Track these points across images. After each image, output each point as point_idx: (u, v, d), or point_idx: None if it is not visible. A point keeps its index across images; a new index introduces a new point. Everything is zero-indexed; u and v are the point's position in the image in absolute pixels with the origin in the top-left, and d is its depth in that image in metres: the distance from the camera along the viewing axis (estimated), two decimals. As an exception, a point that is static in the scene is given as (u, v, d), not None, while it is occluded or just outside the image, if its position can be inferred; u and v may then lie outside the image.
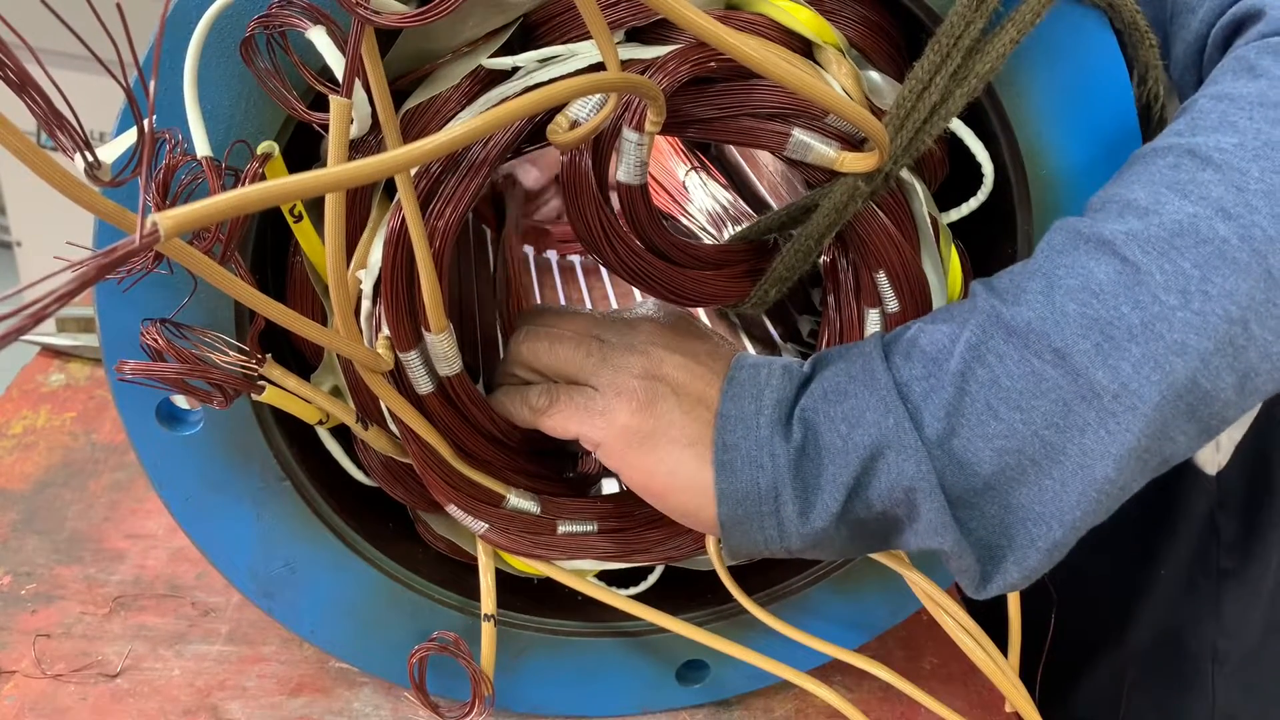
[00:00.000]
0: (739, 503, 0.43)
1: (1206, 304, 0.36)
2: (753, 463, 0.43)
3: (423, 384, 0.47)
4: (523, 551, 0.53)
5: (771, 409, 0.43)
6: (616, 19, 0.42)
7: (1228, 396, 0.37)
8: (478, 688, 0.52)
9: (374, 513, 0.55)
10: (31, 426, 0.77)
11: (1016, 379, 0.39)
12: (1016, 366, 0.39)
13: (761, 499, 0.43)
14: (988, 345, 0.39)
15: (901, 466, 0.40)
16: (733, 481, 0.43)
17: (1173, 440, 0.38)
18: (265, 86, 0.40)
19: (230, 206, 0.24)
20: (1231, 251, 0.36)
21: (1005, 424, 0.39)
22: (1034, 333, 0.38)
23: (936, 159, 0.48)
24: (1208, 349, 0.36)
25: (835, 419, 0.42)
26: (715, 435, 0.44)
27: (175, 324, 0.43)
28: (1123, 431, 0.37)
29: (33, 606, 0.62)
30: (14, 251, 2.09)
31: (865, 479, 0.41)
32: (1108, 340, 0.37)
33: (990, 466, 0.39)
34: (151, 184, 0.37)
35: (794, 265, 0.48)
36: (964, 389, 0.40)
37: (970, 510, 0.40)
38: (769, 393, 0.44)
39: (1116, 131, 0.47)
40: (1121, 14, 0.45)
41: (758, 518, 0.43)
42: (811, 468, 0.42)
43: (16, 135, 0.23)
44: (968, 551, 0.40)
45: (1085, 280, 0.38)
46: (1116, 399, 0.37)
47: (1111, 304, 0.37)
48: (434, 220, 0.43)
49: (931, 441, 0.40)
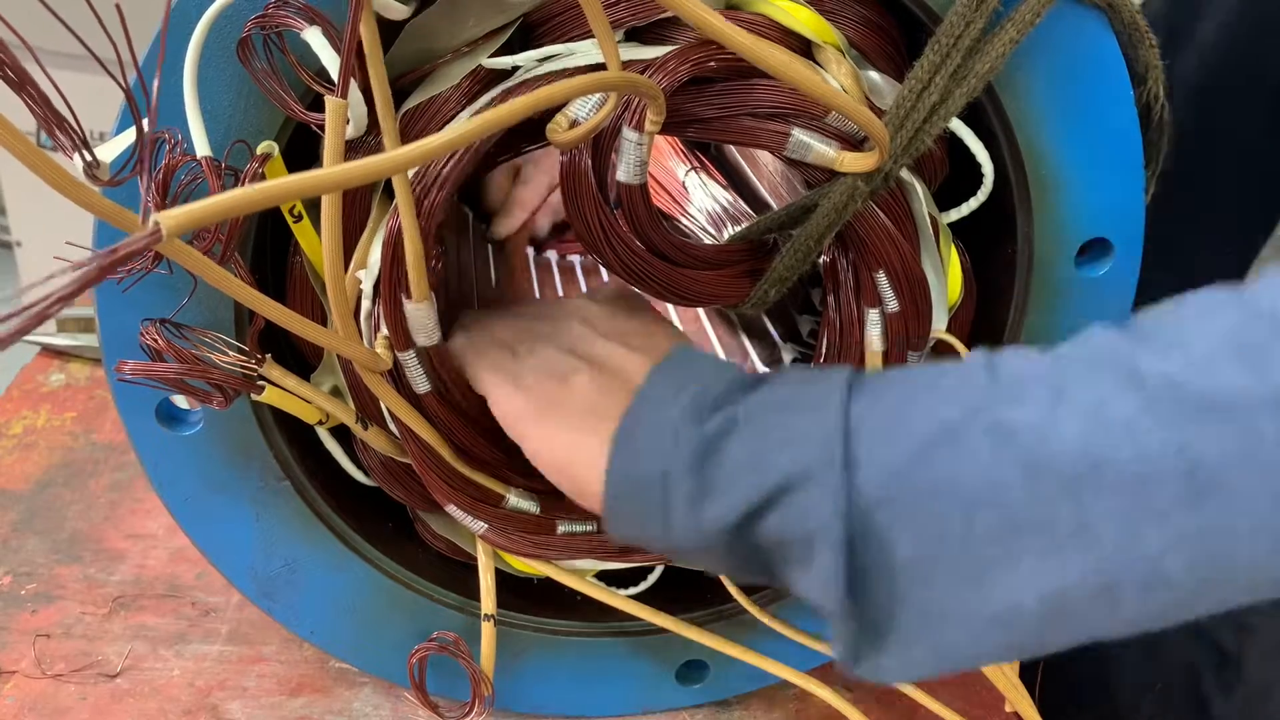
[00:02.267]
0: (628, 482, 0.40)
1: (1212, 491, 0.32)
2: (653, 445, 0.39)
3: (422, 384, 0.47)
4: (522, 551, 0.53)
5: (692, 397, 0.40)
6: (617, 19, 0.42)
7: (1188, 589, 0.33)
8: (478, 688, 0.52)
9: (374, 513, 0.55)
10: (31, 426, 0.77)
11: (978, 482, 0.34)
12: (984, 471, 0.34)
13: (651, 484, 0.39)
14: (964, 432, 0.35)
15: (816, 507, 0.36)
16: (627, 460, 0.40)
17: (1111, 607, 0.34)
18: (262, 87, 0.40)
19: (230, 206, 0.24)
20: (1267, 454, 0.32)
21: (943, 524, 0.35)
22: (1019, 440, 0.34)
23: (936, 159, 0.48)
24: (1190, 531, 0.32)
25: (768, 428, 0.38)
26: (626, 412, 0.41)
27: (175, 324, 0.43)
28: (1064, 570, 0.34)
29: (33, 606, 0.62)
30: (14, 251, 2.09)
31: (772, 503, 0.37)
32: (1093, 479, 0.33)
33: (907, 553, 0.35)
34: (151, 184, 0.37)
35: (794, 265, 0.48)
36: (918, 462, 0.35)
37: (866, 586, 0.36)
38: (693, 381, 0.41)
39: (1116, 131, 0.47)
40: (1121, 14, 0.45)
41: (644, 504, 0.39)
42: (719, 470, 0.38)
43: (15, 135, 0.23)
44: (850, 623, 0.37)
45: (1098, 407, 0.34)
46: (1072, 536, 0.33)
47: (1113, 444, 0.33)
48: (421, 198, 0.42)
49: (859, 497, 0.36)
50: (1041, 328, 0.51)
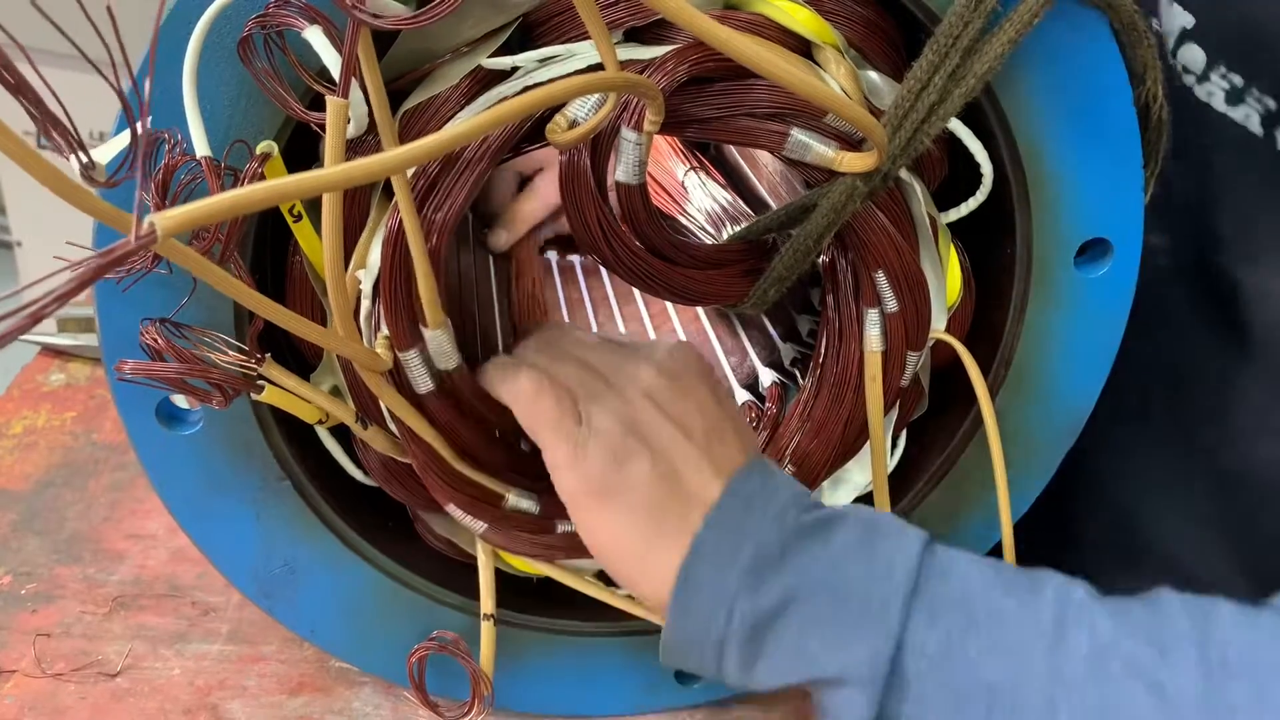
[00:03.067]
0: (685, 639, 0.41)
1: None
2: (709, 613, 0.40)
3: (422, 383, 0.47)
4: (522, 551, 0.53)
5: (750, 559, 0.40)
6: (615, 19, 0.42)
7: None
8: (477, 687, 0.52)
9: (374, 512, 0.55)
10: (31, 426, 0.77)
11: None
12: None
13: (707, 645, 0.41)
14: (1013, 698, 0.37)
15: (850, 704, 0.39)
16: (684, 621, 0.41)
17: None
18: (263, 86, 0.40)
19: (228, 206, 0.24)
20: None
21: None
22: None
23: (935, 159, 0.48)
24: None
25: (823, 620, 0.39)
26: (682, 566, 0.41)
27: (175, 324, 0.43)
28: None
29: (33, 606, 0.62)
30: (14, 251, 2.09)
31: (816, 684, 0.40)
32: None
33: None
34: (150, 184, 0.37)
35: (793, 265, 0.48)
36: (959, 710, 0.37)
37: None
38: (753, 537, 0.41)
39: (1115, 131, 0.47)
40: (1120, 14, 0.44)
41: (698, 656, 0.41)
42: (772, 645, 0.40)
43: (12, 137, 0.23)
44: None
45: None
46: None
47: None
48: (431, 214, 0.43)
49: (888, 716, 0.38)
50: (1041, 328, 0.52)
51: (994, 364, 0.53)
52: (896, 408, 0.54)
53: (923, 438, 0.57)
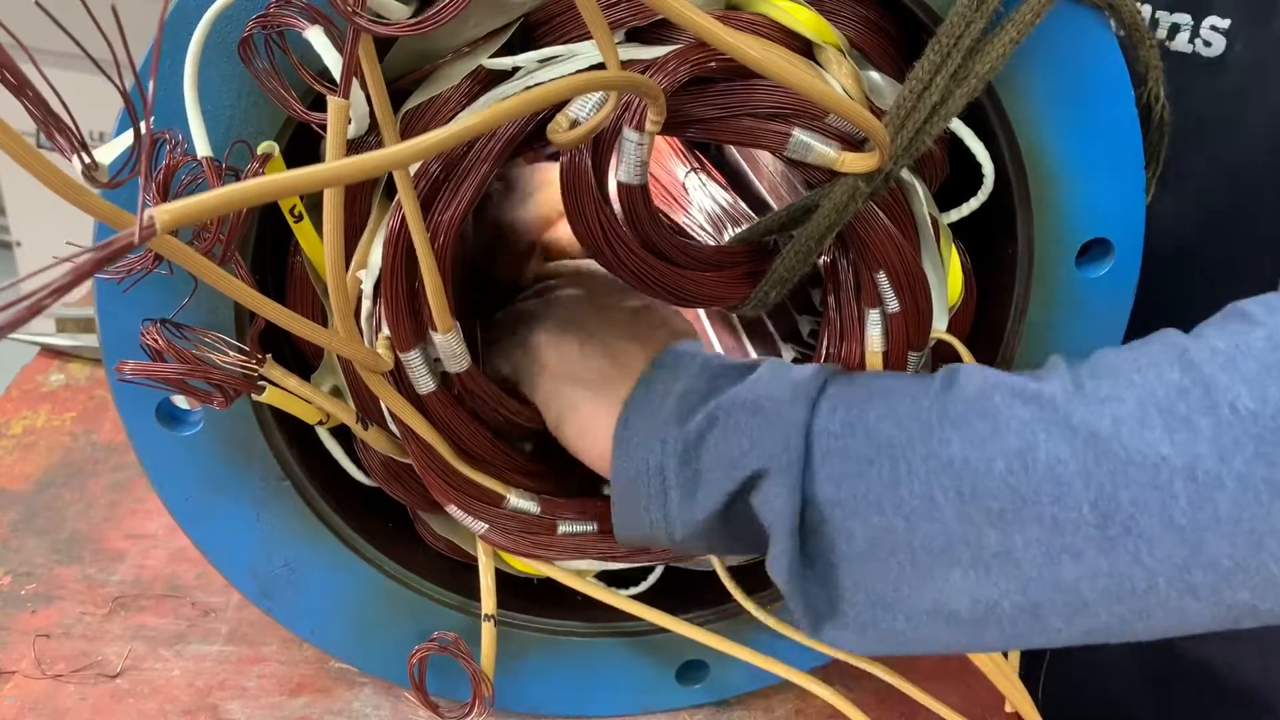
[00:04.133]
0: (630, 482, 0.45)
1: (1123, 539, 0.36)
2: (645, 445, 0.44)
3: (423, 384, 0.47)
4: (523, 551, 0.53)
5: (677, 399, 0.44)
6: (617, 19, 0.42)
7: (1106, 619, 0.38)
8: (478, 688, 0.52)
9: (374, 513, 0.55)
10: (31, 426, 0.77)
11: (914, 496, 0.39)
12: (920, 486, 0.39)
13: (649, 480, 0.44)
14: (905, 453, 0.40)
15: (773, 496, 0.41)
16: (625, 461, 0.45)
17: (1039, 625, 0.39)
18: (264, 86, 0.40)
19: (226, 201, 0.24)
20: (1179, 513, 0.35)
21: (887, 522, 0.40)
22: (952, 470, 0.38)
23: (936, 159, 0.48)
24: (1102, 568, 0.36)
25: (740, 429, 0.42)
26: (621, 413, 0.46)
27: (175, 324, 0.43)
28: (989, 585, 0.38)
29: (33, 606, 0.62)
30: (14, 251, 2.09)
31: (745, 491, 0.42)
32: (1014, 512, 0.37)
33: (860, 547, 0.40)
34: (152, 184, 0.37)
35: (794, 266, 0.48)
36: (864, 473, 0.40)
37: (826, 568, 0.41)
38: (681, 382, 0.45)
39: (1117, 132, 0.47)
40: (1121, 14, 0.44)
41: (645, 499, 0.44)
42: (704, 461, 0.43)
43: (14, 137, 0.23)
44: (805, 599, 0.42)
45: (1027, 449, 0.37)
46: (996, 558, 0.38)
47: (1035, 486, 0.37)
48: (437, 215, 0.43)
49: (814, 496, 0.41)
50: (1041, 328, 0.51)
51: (995, 364, 0.53)
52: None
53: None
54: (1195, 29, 0.56)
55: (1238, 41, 0.56)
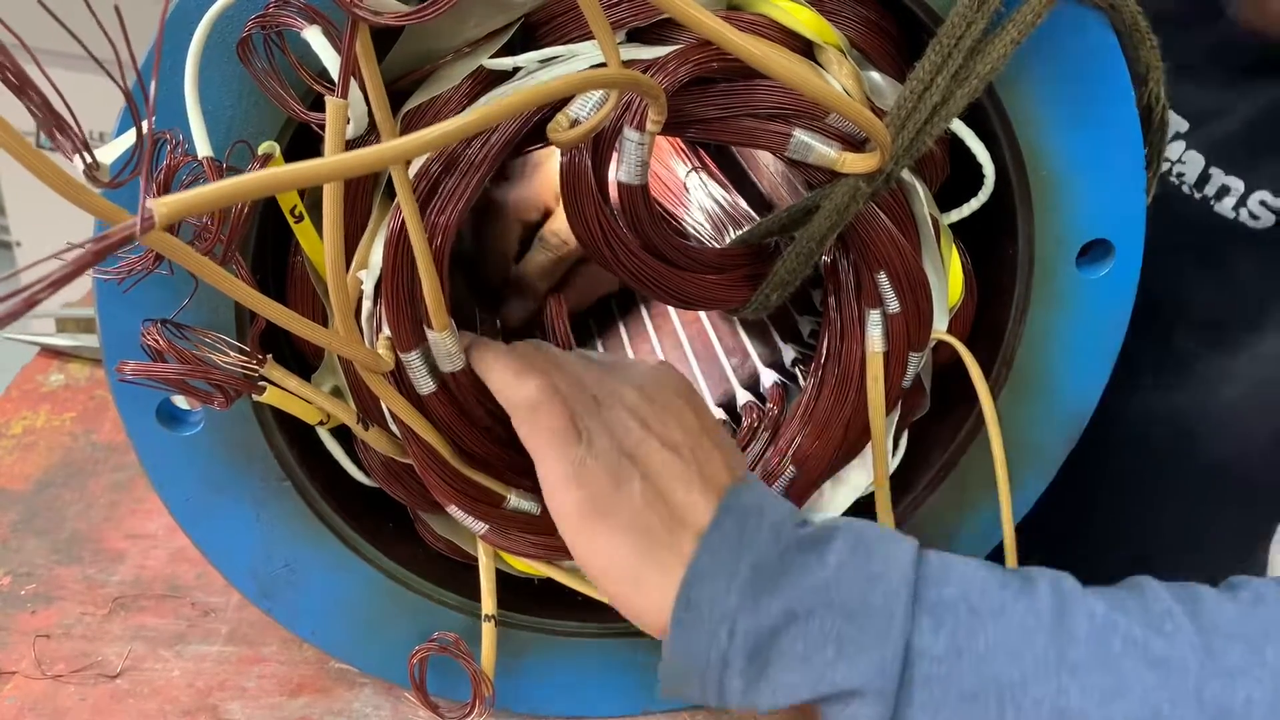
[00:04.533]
0: (685, 661, 0.41)
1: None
2: (710, 632, 0.40)
3: (424, 384, 0.47)
4: (523, 552, 0.53)
5: (748, 573, 0.40)
6: (618, 19, 0.42)
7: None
8: (478, 688, 0.52)
9: (374, 513, 0.55)
10: (31, 426, 0.77)
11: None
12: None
13: (709, 666, 0.40)
14: (1015, 696, 0.38)
15: (859, 716, 0.39)
16: (684, 642, 0.40)
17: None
18: (263, 87, 0.40)
19: (226, 194, 0.24)
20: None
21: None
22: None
23: (937, 159, 0.48)
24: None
25: (827, 637, 0.39)
26: (680, 588, 0.40)
27: (176, 324, 0.43)
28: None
29: (33, 606, 0.62)
30: (14, 251, 2.09)
31: (824, 701, 0.40)
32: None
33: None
34: (153, 184, 0.37)
35: (796, 268, 0.48)
36: (967, 710, 0.38)
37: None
38: (749, 553, 0.40)
39: (1118, 132, 0.47)
40: (1122, 15, 0.44)
41: (700, 679, 0.41)
42: (777, 663, 0.40)
43: (15, 137, 0.23)
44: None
45: (1151, 717, 0.37)
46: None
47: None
48: (434, 216, 0.43)
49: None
50: (1042, 329, 0.51)
51: (995, 365, 0.53)
52: (898, 409, 0.54)
53: (924, 438, 0.57)
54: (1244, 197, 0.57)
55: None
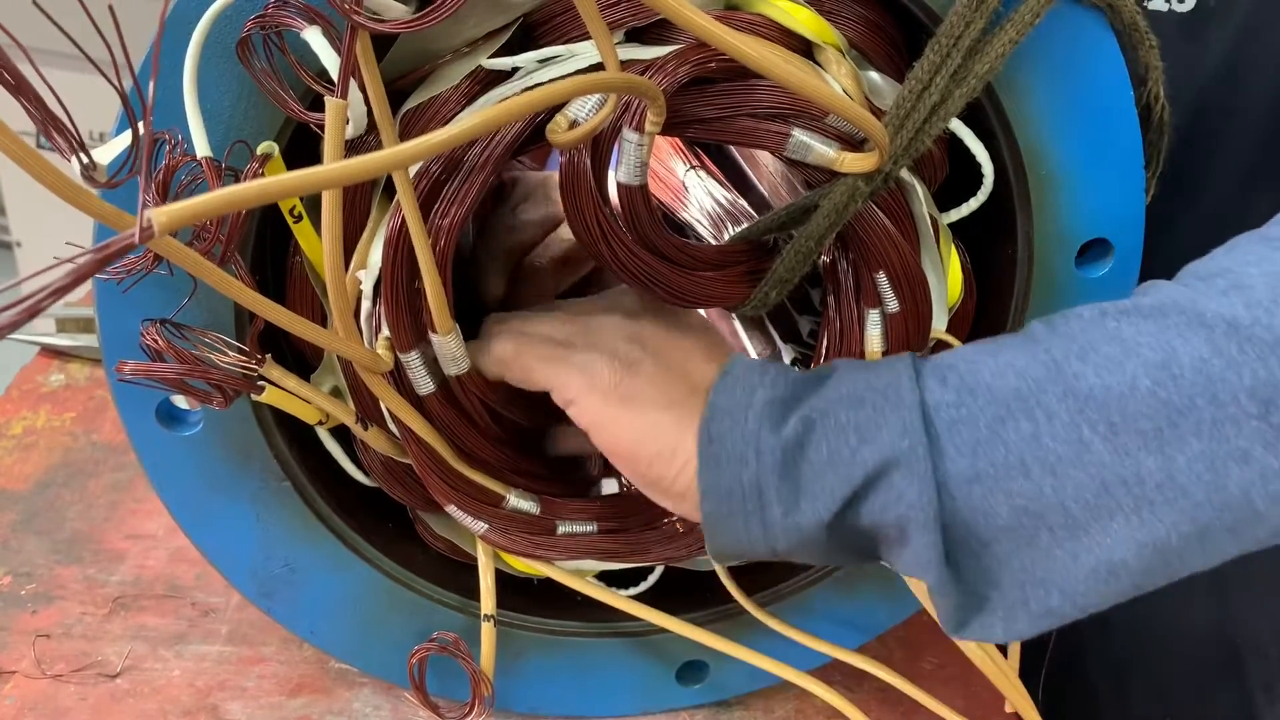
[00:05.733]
0: (722, 498, 0.41)
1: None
2: (738, 457, 0.40)
3: (423, 384, 0.47)
4: (522, 552, 0.53)
5: (763, 404, 0.41)
6: (616, 19, 0.42)
7: (1276, 523, 0.35)
8: (478, 688, 0.52)
9: (374, 513, 0.55)
10: (31, 426, 0.77)
11: (1061, 442, 0.36)
12: (1064, 430, 0.36)
13: (745, 495, 0.40)
14: (1039, 399, 0.36)
15: (903, 491, 0.38)
16: (716, 476, 0.41)
17: (1204, 549, 0.36)
18: (262, 87, 0.40)
19: (226, 202, 0.24)
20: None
21: (1034, 485, 0.36)
22: (1095, 401, 0.35)
23: (936, 159, 0.48)
24: (1272, 467, 0.34)
25: (845, 426, 0.39)
26: (701, 425, 0.41)
27: (175, 324, 0.43)
28: (1156, 522, 0.35)
29: (33, 606, 0.62)
30: (14, 251, 2.09)
31: (864, 494, 0.39)
32: (1171, 428, 0.34)
33: (1003, 522, 0.37)
34: (151, 184, 0.37)
35: (794, 267, 0.48)
36: (1000, 435, 0.37)
37: (966, 556, 0.38)
38: (762, 389, 0.41)
39: (1116, 132, 0.47)
40: (1121, 14, 0.44)
41: (741, 514, 0.41)
42: (808, 470, 0.39)
43: (12, 138, 0.23)
44: (951, 594, 0.39)
45: (1168, 358, 0.35)
46: (1159, 489, 0.35)
47: (1187, 393, 0.34)
48: (438, 219, 0.43)
49: (948, 478, 0.37)
50: (1042, 328, 0.51)
51: (995, 364, 0.53)
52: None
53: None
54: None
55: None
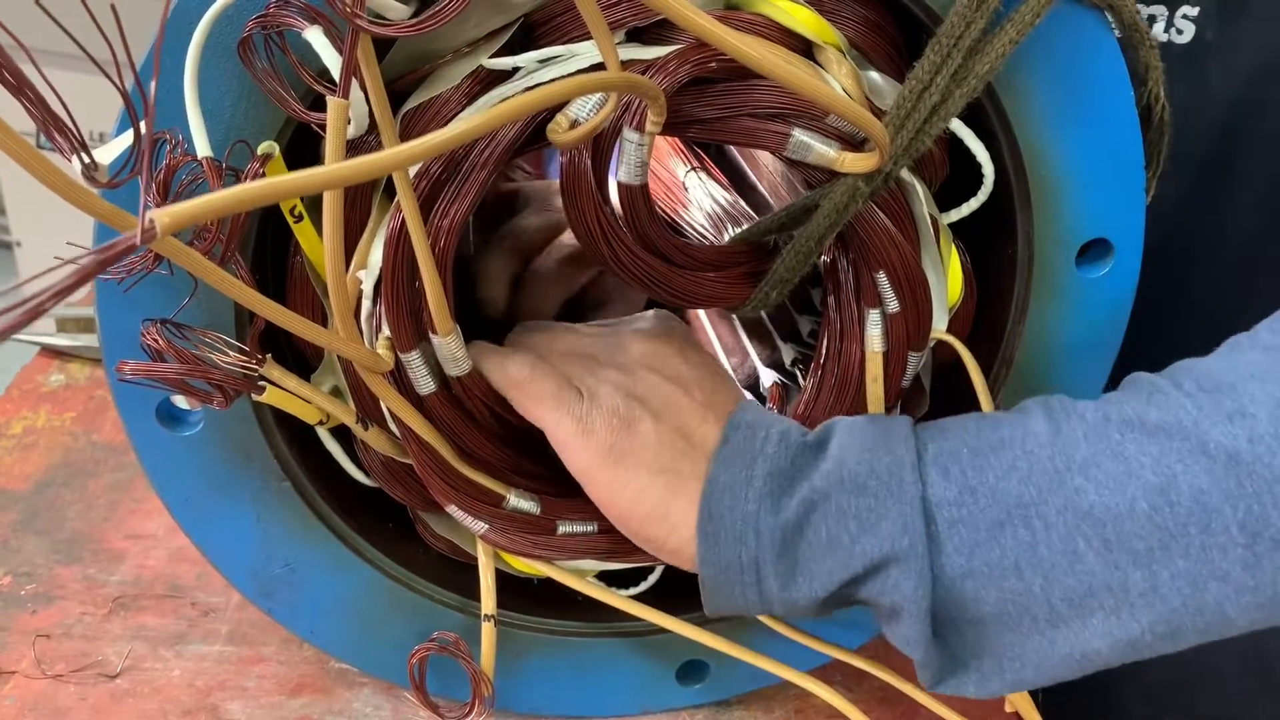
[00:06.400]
0: (720, 571, 0.43)
1: (1271, 554, 0.36)
2: (736, 537, 0.42)
3: (424, 384, 0.47)
4: (523, 552, 0.53)
5: (762, 480, 0.42)
6: (617, 19, 0.42)
7: (1242, 625, 0.38)
8: (478, 688, 0.52)
9: (374, 513, 0.55)
10: (31, 426, 0.77)
11: (1056, 552, 0.38)
12: (1060, 541, 0.38)
13: (744, 569, 0.42)
14: (1039, 509, 0.38)
15: (899, 583, 0.40)
16: (715, 552, 0.42)
17: (1174, 644, 0.39)
18: (263, 87, 0.40)
19: (227, 203, 0.24)
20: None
21: (1025, 584, 0.39)
22: (1093, 518, 0.38)
23: (936, 159, 0.48)
24: (1248, 585, 0.36)
25: (846, 512, 0.40)
26: (701, 502, 0.43)
27: (175, 324, 0.43)
28: (1133, 623, 0.38)
29: (33, 606, 0.62)
30: (14, 251, 2.09)
31: (860, 580, 0.41)
32: (1162, 549, 0.37)
33: (990, 610, 0.39)
34: (152, 184, 0.37)
35: (794, 267, 0.48)
36: (998, 539, 0.39)
37: (952, 632, 0.41)
38: (761, 462, 0.43)
39: (1117, 132, 0.47)
40: (1121, 15, 0.44)
41: (739, 585, 0.43)
42: (806, 551, 0.41)
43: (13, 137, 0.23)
44: (934, 662, 0.41)
45: (1167, 484, 0.37)
46: (1142, 596, 0.38)
47: (1182, 520, 0.36)
48: (438, 220, 0.43)
49: (943, 572, 0.39)
50: (1042, 328, 0.51)
51: (995, 364, 0.53)
52: (898, 408, 0.54)
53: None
54: (1170, 19, 0.57)
55: (1207, 30, 0.57)
